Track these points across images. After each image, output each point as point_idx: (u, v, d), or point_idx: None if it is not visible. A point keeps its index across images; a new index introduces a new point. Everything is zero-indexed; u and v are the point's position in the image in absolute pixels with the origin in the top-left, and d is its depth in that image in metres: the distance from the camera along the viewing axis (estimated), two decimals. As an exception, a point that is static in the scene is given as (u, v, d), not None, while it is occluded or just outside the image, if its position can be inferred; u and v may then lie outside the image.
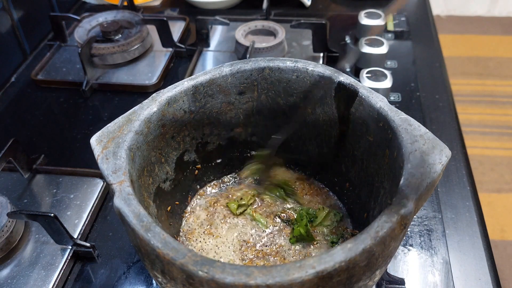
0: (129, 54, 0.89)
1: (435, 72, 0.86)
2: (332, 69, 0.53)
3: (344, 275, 0.36)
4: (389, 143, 0.46)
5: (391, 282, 0.53)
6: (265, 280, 0.34)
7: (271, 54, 0.86)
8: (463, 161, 0.68)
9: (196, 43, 0.93)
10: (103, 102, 0.83)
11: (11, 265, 0.57)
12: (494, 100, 1.98)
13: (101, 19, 0.93)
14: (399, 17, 0.99)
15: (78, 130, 0.78)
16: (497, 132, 1.84)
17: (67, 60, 0.92)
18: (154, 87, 0.84)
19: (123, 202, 0.40)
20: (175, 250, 0.36)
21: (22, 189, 0.66)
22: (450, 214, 0.61)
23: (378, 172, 0.49)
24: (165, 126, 0.52)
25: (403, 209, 0.38)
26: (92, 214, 0.62)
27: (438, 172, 0.41)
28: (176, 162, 0.56)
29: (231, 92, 0.55)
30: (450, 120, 0.75)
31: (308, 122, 0.57)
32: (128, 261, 0.57)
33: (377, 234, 0.36)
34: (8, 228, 0.57)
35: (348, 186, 0.57)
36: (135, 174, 0.46)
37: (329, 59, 0.88)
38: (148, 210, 0.47)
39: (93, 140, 0.47)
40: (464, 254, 0.57)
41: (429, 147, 0.43)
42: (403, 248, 0.58)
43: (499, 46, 2.30)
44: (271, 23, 0.90)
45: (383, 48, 0.82)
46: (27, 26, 0.95)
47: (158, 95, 0.51)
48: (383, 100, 0.48)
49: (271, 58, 0.55)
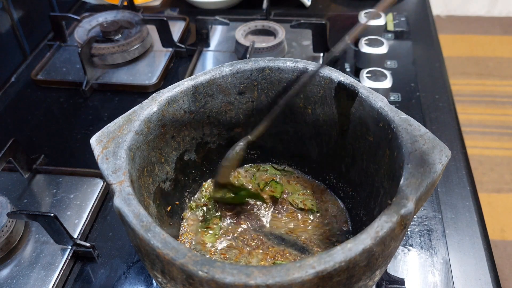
0: (129, 54, 0.89)
1: (435, 72, 0.86)
2: (332, 69, 0.53)
3: (344, 275, 0.36)
4: (389, 143, 0.46)
5: (391, 282, 0.53)
6: (265, 280, 0.34)
7: (271, 54, 0.86)
8: (463, 161, 0.68)
9: (196, 43, 0.93)
10: (103, 102, 0.83)
11: (11, 265, 0.57)
12: (494, 100, 1.98)
13: (101, 19, 0.93)
14: (399, 17, 0.99)
15: (78, 130, 0.78)
16: (497, 132, 1.84)
17: (67, 60, 0.92)
18: (154, 87, 0.84)
19: (123, 202, 0.40)
20: (175, 250, 0.36)
21: (22, 189, 0.66)
22: (450, 214, 0.61)
23: (378, 172, 0.49)
24: (165, 126, 0.52)
25: (403, 209, 0.38)
26: (92, 214, 0.62)
27: (438, 172, 0.41)
28: (176, 162, 0.56)
29: (231, 92, 0.55)
30: (450, 120, 0.75)
31: (308, 122, 0.57)
32: (128, 261, 0.57)
33: (377, 234, 0.36)
34: (8, 228, 0.57)
35: (348, 186, 0.57)
36: (135, 174, 0.46)
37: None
38: (148, 210, 0.47)
39: (93, 140, 0.47)
40: (464, 254, 0.57)
41: (429, 147, 0.43)
42: (403, 248, 0.58)
43: (499, 46, 2.30)
44: (271, 23, 0.90)
45: (383, 48, 0.82)
46: (27, 26, 0.95)
47: (158, 95, 0.51)
48: (383, 100, 0.48)
49: (271, 58, 0.55)
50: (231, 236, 0.56)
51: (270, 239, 0.56)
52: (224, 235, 0.56)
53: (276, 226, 0.57)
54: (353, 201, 0.57)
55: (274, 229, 0.57)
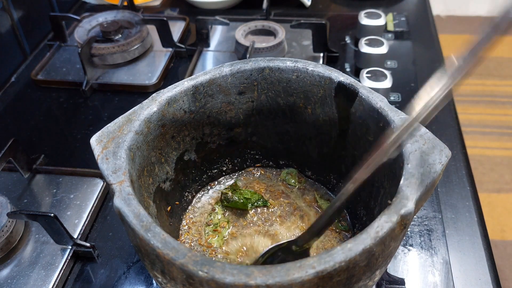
0: (129, 54, 0.89)
1: (435, 72, 0.86)
2: (332, 69, 0.53)
3: (344, 275, 0.36)
4: (389, 143, 0.46)
5: (391, 282, 0.53)
6: (265, 280, 0.34)
7: (271, 54, 0.86)
8: (463, 161, 0.68)
9: (196, 43, 0.93)
10: (103, 102, 0.83)
11: (11, 265, 0.57)
12: (494, 100, 1.98)
13: (101, 19, 0.93)
14: (399, 17, 0.99)
15: (78, 130, 0.78)
16: (497, 132, 1.84)
17: (67, 60, 0.92)
18: (154, 87, 0.84)
19: (123, 202, 0.40)
20: (175, 250, 0.36)
21: (22, 189, 0.66)
22: (450, 214, 0.61)
23: (378, 172, 0.49)
24: (165, 126, 0.52)
25: (403, 209, 0.38)
26: (92, 214, 0.62)
27: (438, 172, 0.41)
28: (176, 162, 0.56)
29: (231, 92, 0.55)
30: (450, 120, 0.75)
31: (308, 122, 0.57)
32: (128, 261, 0.57)
33: (377, 234, 0.36)
34: (8, 228, 0.57)
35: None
36: (135, 174, 0.46)
37: (329, 59, 0.88)
38: (148, 210, 0.47)
39: (93, 140, 0.47)
40: (464, 254, 0.57)
41: (429, 147, 0.43)
42: (403, 248, 0.58)
43: (499, 46, 2.30)
44: (271, 23, 0.90)
45: (383, 48, 0.82)
46: (27, 26, 0.95)
47: (158, 95, 0.51)
48: (383, 100, 0.48)
49: (271, 58, 0.55)
50: (237, 239, 0.56)
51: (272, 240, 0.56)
52: (230, 238, 0.56)
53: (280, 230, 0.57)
54: (353, 201, 0.57)
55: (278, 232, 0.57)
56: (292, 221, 0.57)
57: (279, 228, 0.57)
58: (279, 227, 0.57)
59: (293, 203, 0.59)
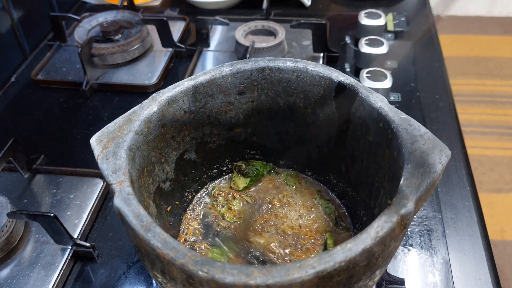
0: (129, 54, 0.89)
1: (435, 72, 0.86)
2: (332, 69, 0.53)
3: (344, 275, 0.36)
4: (389, 143, 0.46)
5: (391, 282, 0.53)
6: (265, 280, 0.34)
7: (271, 54, 0.86)
8: (463, 161, 0.68)
9: (196, 43, 0.93)
10: (103, 102, 0.83)
11: (11, 265, 0.57)
12: (494, 100, 1.98)
13: (101, 19, 0.93)
14: (399, 17, 0.99)
15: (78, 130, 0.78)
16: (497, 132, 1.84)
17: (67, 60, 0.92)
18: (154, 87, 0.84)
19: (123, 202, 0.40)
20: (175, 250, 0.36)
21: (22, 189, 0.66)
22: (450, 214, 0.61)
23: (378, 172, 0.49)
24: (165, 126, 0.52)
25: (403, 209, 0.38)
26: (92, 214, 0.62)
27: (438, 172, 0.41)
28: (176, 162, 0.56)
29: (231, 92, 0.55)
30: (450, 120, 0.75)
31: (308, 122, 0.57)
32: (128, 261, 0.57)
33: (377, 234, 0.36)
34: (8, 228, 0.57)
35: (348, 186, 0.57)
36: (135, 174, 0.46)
37: (329, 59, 0.88)
38: (148, 210, 0.47)
39: (93, 140, 0.47)
40: (464, 254, 0.57)
41: (429, 147, 0.43)
42: (403, 248, 0.58)
43: (499, 46, 2.30)
44: (271, 23, 0.90)
45: (383, 48, 0.82)
46: (27, 26, 0.95)
47: (158, 95, 0.51)
48: (383, 100, 0.48)
49: (271, 58, 0.55)
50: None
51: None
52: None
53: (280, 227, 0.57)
54: (353, 201, 0.57)
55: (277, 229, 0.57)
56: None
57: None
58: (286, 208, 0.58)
59: (293, 203, 0.59)
